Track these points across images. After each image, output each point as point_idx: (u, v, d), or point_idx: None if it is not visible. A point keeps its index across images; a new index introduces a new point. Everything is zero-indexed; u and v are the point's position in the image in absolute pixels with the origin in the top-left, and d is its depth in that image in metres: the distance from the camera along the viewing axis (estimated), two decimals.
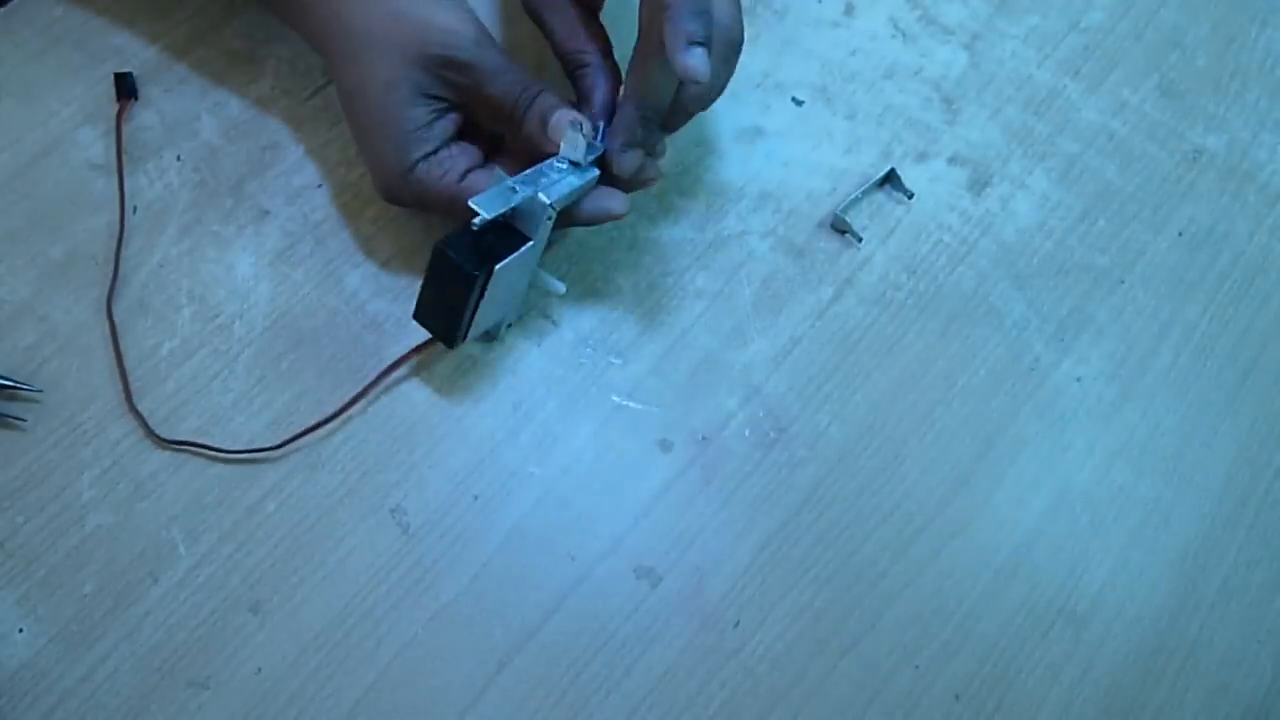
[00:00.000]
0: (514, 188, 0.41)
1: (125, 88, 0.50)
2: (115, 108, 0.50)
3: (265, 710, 0.40)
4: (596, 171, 0.44)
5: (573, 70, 0.47)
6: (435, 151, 0.44)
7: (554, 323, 0.49)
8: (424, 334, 0.47)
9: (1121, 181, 0.56)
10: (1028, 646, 0.45)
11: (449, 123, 0.45)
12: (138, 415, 0.44)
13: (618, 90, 0.46)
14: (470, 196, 0.43)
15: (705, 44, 0.40)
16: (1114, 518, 0.48)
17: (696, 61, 0.39)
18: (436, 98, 0.44)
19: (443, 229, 0.50)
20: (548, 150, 0.44)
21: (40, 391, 0.44)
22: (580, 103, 0.46)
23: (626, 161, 0.44)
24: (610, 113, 0.46)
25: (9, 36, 0.51)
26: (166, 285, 0.47)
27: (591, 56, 0.46)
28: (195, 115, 0.51)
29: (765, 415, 0.48)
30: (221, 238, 0.48)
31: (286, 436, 0.44)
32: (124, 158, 0.49)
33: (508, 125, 0.45)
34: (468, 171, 0.45)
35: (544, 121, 0.44)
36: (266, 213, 0.49)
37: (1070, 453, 0.49)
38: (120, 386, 0.44)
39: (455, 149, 0.45)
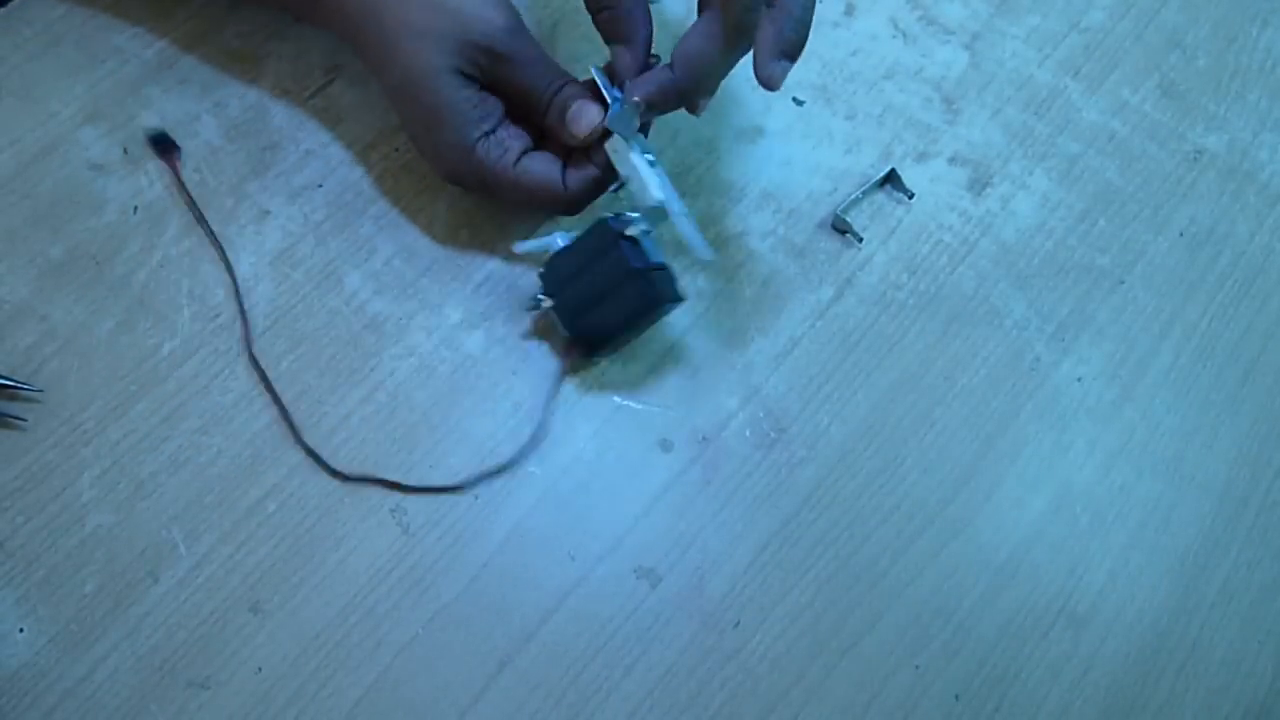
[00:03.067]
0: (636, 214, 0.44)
1: (165, 146, 0.49)
2: (164, 167, 0.49)
3: (265, 710, 0.40)
4: (651, 153, 0.46)
5: (602, 9, 0.46)
6: (494, 130, 0.45)
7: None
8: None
9: (1122, 181, 0.56)
10: (1028, 646, 0.45)
11: (497, 103, 0.46)
12: (310, 452, 0.44)
13: (653, 34, 0.46)
14: (526, 180, 0.45)
15: (793, 59, 0.40)
16: (1114, 518, 0.48)
17: (778, 74, 0.40)
18: (475, 79, 0.45)
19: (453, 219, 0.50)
20: (567, 141, 0.45)
21: (40, 391, 0.44)
22: (615, 45, 0.45)
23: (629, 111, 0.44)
24: (648, 53, 0.45)
25: (9, 36, 0.51)
26: (166, 285, 0.47)
27: None
28: (195, 115, 0.51)
29: (765, 415, 0.48)
30: (222, 238, 0.48)
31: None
32: (193, 205, 0.48)
33: (535, 114, 0.46)
34: (522, 154, 0.45)
35: (564, 112, 0.45)
36: (266, 213, 0.49)
37: (1070, 453, 0.49)
38: (287, 427, 0.45)
39: (512, 130, 0.46)
